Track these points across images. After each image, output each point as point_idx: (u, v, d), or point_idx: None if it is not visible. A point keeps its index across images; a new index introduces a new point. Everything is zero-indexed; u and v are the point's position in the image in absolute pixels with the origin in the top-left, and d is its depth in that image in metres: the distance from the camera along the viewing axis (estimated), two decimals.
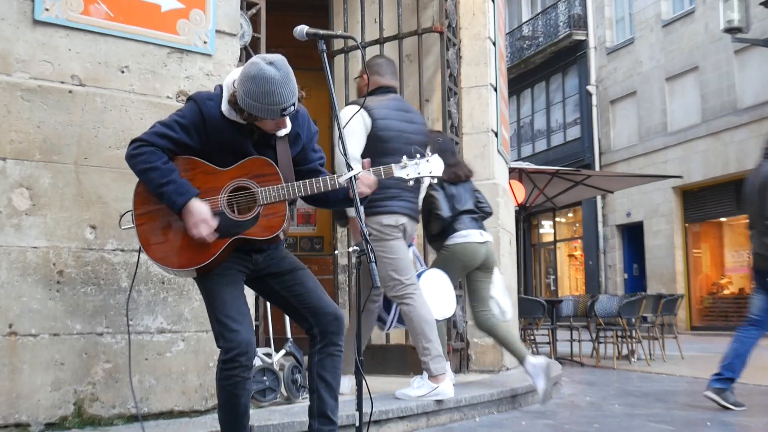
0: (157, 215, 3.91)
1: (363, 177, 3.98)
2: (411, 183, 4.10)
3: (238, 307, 3.89)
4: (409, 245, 6.19)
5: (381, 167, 4.02)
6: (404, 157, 4.09)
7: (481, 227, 6.88)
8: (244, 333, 3.81)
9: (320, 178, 3.92)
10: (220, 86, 3.98)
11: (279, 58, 3.72)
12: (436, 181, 4.21)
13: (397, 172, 4.03)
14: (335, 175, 3.95)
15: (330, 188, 3.92)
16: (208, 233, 3.80)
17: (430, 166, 4.05)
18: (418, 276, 6.20)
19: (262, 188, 3.88)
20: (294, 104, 3.76)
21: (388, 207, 5.92)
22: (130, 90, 4.97)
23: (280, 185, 3.88)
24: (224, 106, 3.87)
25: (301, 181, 3.91)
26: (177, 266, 3.88)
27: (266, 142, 3.96)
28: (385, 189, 5.83)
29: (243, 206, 3.91)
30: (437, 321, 6.14)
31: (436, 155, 4.10)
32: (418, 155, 4.08)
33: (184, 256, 3.87)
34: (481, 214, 6.91)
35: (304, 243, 10.39)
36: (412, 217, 6.06)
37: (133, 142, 3.89)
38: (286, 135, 4.02)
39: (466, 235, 6.74)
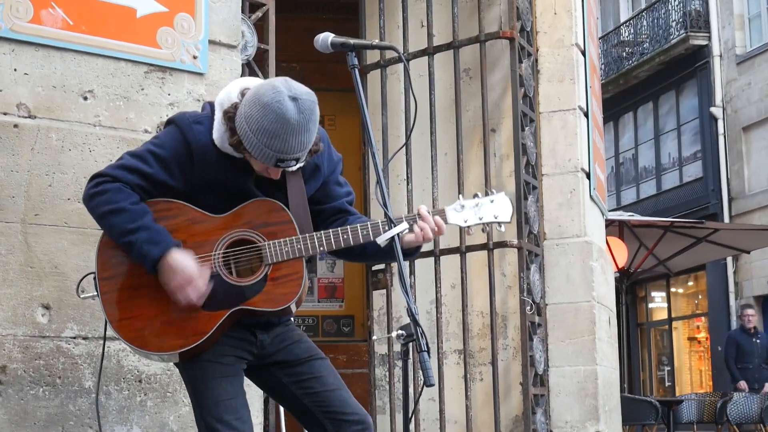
0: (129, 280, 3.91)
1: (424, 219, 3.93)
2: (470, 233, 4.04)
3: (235, 409, 3.88)
4: None
5: (430, 210, 3.99)
6: (460, 196, 4.05)
7: None
8: None
9: (349, 228, 3.91)
10: (210, 104, 3.99)
11: (308, 96, 3.73)
12: (503, 228, 4.12)
13: (452, 216, 4.00)
14: (372, 223, 3.94)
15: (363, 241, 3.91)
16: (197, 296, 3.80)
17: (494, 209, 4.01)
18: None
19: (271, 242, 3.87)
20: (298, 160, 3.78)
21: None
22: (95, 122, 5.03)
23: (294, 237, 3.88)
24: (216, 133, 3.87)
25: (323, 232, 3.90)
26: (156, 349, 3.88)
27: (273, 179, 3.96)
28: None
29: (244, 266, 3.90)
30: None
31: (502, 194, 4.05)
32: (479, 194, 4.04)
33: (165, 335, 3.86)
34: None
35: (327, 325, 10.37)
36: None
37: (92, 178, 3.90)
38: (300, 168, 4.02)
39: None
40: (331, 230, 3.91)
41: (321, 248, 3.88)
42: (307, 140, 3.73)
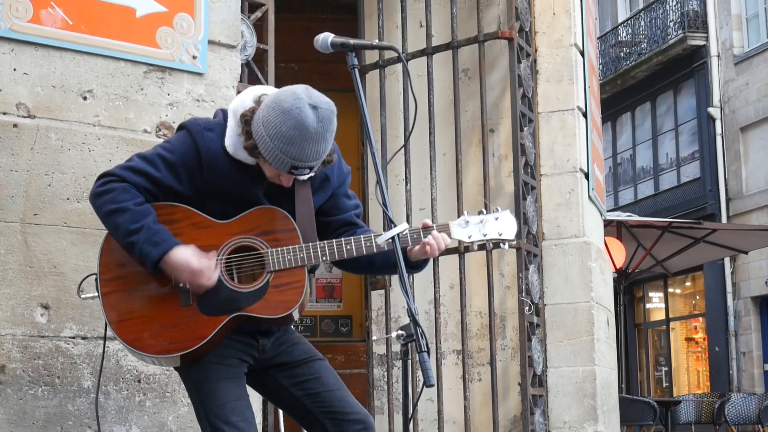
0: (131, 281, 3.91)
1: (433, 236, 3.94)
2: (474, 249, 4.07)
3: (241, 411, 3.89)
4: None
5: (434, 225, 4.01)
6: (465, 212, 4.07)
7: None
8: None
9: (353, 239, 3.91)
10: (223, 111, 3.99)
11: (327, 105, 3.75)
12: (507, 246, 4.16)
13: (457, 232, 4.02)
14: (376, 235, 3.93)
15: (365, 252, 3.91)
16: (209, 277, 3.79)
17: (499, 226, 4.03)
18: None
19: (273, 250, 3.88)
20: (312, 169, 3.78)
21: None
22: (94, 122, 5.03)
23: (297, 246, 3.88)
24: (229, 140, 3.87)
25: (326, 242, 3.90)
26: (155, 352, 3.88)
27: (282, 187, 3.97)
28: None
29: (246, 272, 3.91)
30: None
31: (507, 211, 4.08)
32: (483, 211, 4.06)
33: (163, 338, 3.86)
34: None
35: (326, 325, 10.37)
36: None
37: (100, 177, 3.90)
38: (309, 178, 4.02)
39: None
40: (334, 240, 3.91)
41: (323, 258, 3.88)
42: (323, 150, 3.74)
